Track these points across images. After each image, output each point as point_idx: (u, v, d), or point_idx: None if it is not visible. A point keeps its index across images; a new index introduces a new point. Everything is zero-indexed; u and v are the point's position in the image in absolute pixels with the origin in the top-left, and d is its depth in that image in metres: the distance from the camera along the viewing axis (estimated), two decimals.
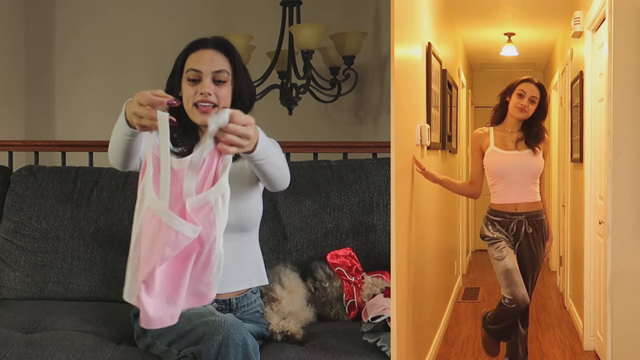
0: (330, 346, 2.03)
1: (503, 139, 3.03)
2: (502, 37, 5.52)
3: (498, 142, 3.03)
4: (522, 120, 3.01)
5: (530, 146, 2.99)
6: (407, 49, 2.85)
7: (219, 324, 1.79)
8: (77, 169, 2.71)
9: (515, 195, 2.99)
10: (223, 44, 2.07)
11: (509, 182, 2.99)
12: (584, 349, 3.79)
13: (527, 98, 2.98)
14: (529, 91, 2.98)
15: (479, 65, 7.15)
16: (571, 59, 4.44)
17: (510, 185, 2.99)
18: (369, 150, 3.09)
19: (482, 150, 3.05)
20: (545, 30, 5.40)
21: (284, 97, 4.03)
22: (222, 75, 2.02)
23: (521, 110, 2.98)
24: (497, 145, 3.02)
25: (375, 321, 2.02)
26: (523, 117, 3.00)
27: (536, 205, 3.02)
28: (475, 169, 3.10)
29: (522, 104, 2.98)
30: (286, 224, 2.56)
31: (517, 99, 2.99)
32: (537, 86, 3.01)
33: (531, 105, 2.99)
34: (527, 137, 3.01)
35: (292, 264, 2.45)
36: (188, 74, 2.02)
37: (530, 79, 3.03)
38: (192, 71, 2.01)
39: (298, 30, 3.83)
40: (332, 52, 3.99)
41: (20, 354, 1.95)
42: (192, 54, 2.05)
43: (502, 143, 3.02)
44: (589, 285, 3.71)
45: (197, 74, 2.01)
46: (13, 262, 2.55)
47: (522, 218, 2.98)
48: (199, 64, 2.02)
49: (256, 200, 2.15)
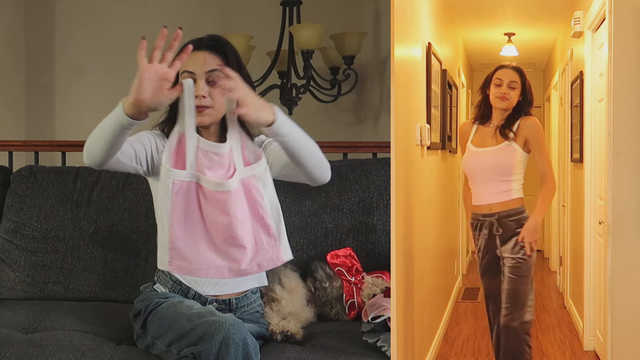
0: (330, 346, 2.03)
1: (484, 135, 2.82)
2: (502, 37, 5.53)
3: (476, 138, 2.84)
4: (507, 111, 2.79)
5: (505, 135, 2.76)
6: (407, 49, 2.85)
7: (219, 324, 1.79)
8: (77, 169, 2.71)
9: (488, 194, 2.78)
10: (215, 44, 2.05)
11: (480, 182, 2.80)
12: (584, 349, 3.79)
13: (505, 85, 2.76)
14: (506, 77, 2.77)
15: (479, 65, 7.15)
16: (571, 59, 4.44)
17: (482, 185, 2.80)
18: (369, 150, 3.09)
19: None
20: (545, 30, 5.41)
21: (284, 97, 4.03)
22: (216, 75, 2.00)
23: (502, 99, 2.76)
24: (474, 142, 2.83)
25: (375, 321, 2.02)
26: (506, 107, 2.78)
27: (510, 204, 2.77)
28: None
29: (501, 92, 2.76)
30: (286, 224, 2.55)
31: (496, 88, 2.78)
32: (514, 70, 2.80)
33: (512, 92, 2.76)
34: (501, 126, 2.78)
35: (292, 264, 2.45)
36: (182, 75, 2.00)
37: (505, 65, 2.83)
38: (185, 73, 2.00)
39: (298, 30, 3.83)
40: (332, 52, 3.99)
41: (20, 354, 1.94)
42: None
43: (481, 140, 2.82)
44: (589, 285, 3.71)
45: (192, 75, 2.00)
46: (13, 262, 2.55)
47: (494, 219, 2.78)
48: (192, 65, 2.00)
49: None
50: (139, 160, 1.98)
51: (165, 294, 2.07)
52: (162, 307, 1.99)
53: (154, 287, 2.11)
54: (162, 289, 2.09)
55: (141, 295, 2.12)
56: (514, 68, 2.81)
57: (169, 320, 1.91)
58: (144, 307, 2.04)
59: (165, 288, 2.09)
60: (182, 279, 2.07)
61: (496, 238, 2.79)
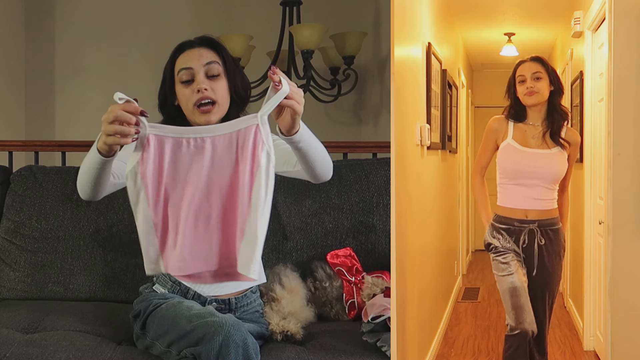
0: (330, 346, 2.03)
1: (524, 132, 2.61)
2: (502, 37, 5.53)
3: (517, 135, 2.61)
4: (541, 106, 2.59)
5: (558, 142, 2.57)
6: (407, 49, 2.85)
7: (219, 324, 1.79)
8: (77, 169, 2.69)
9: (527, 200, 2.57)
10: (208, 40, 2.06)
11: (520, 184, 2.58)
12: (584, 349, 3.79)
13: (529, 79, 2.57)
14: (528, 70, 2.59)
15: (479, 65, 7.15)
16: (571, 59, 4.44)
17: (521, 188, 2.58)
18: (369, 150, 3.09)
19: (497, 143, 2.65)
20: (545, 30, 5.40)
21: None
22: (214, 67, 1.99)
23: (530, 94, 2.57)
24: (516, 139, 2.60)
25: (375, 321, 2.02)
26: (538, 101, 2.58)
27: (551, 213, 2.60)
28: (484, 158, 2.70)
29: (528, 86, 2.57)
30: (286, 224, 2.56)
31: (521, 85, 2.59)
32: (534, 61, 2.61)
33: (538, 83, 2.57)
34: (552, 130, 2.58)
35: (292, 264, 2.45)
36: (180, 75, 2.00)
37: (524, 60, 2.64)
38: (183, 70, 1.99)
39: (298, 30, 3.83)
40: (332, 52, 3.99)
41: (20, 354, 1.94)
42: (180, 56, 2.03)
43: (521, 137, 2.60)
44: (589, 285, 3.71)
45: (189, 72, 1.99)
46: (13, 262, 2.55)
47: (534, 227, 2.57)
48: (189, 61, 2.00)
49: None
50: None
51: (165, 294, 2.07)
52: (161, 308, 1.99)
53: (153, 288, 2.11)
54: (161, 289, 2.09)
55: (140, 297, 2.12)
56: (534, 59, 2.62)
57: (169, 321, 1.91)
58: (143, 308, 2.04)
59: (165, 289, 2.09)
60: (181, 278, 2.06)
61: (542, 249, 2.59)
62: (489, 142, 2.68)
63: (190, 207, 1.68)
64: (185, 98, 2.00)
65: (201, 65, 1.99)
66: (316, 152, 1.89)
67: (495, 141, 2.65)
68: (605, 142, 2.97)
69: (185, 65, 2.00)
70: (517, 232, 2.58)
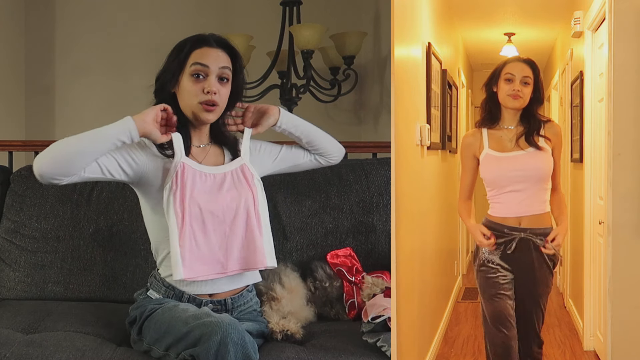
0: (330, 346, 2.03)
1: (499, 138, 2.48)
2: (502, 37, 5.53)
3: (493, 143, 2.48)
4: (519, 111, 2.46)
5: (532, 143, 2.44)
6: (407, 49, 2.85)
7: (216, 324, 1.79)
8: None
9: (520, 206, 2.44)
10: (226, 43, 2.09)
11: (510, 191, 2.45)
12: (584, 349, 3.79)
13: (518, 81, 2.42)
14: (519, 72, 2.43)
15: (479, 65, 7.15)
16: (571, 59, 4.44)
17: (512, 195, 2.44)
18: (369, 150, 3.09)
19: (477, 157, 2.51)
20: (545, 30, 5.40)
21: (284, 97, 4.03)
22: (226, 72, 2.05)
23: (514, 98, 2.42)
24: (492, 148, 2.48)
25: (375, 321, 2.02)
26: (519, 106, 2.44)
27: (545, 219, 2.47)
28: (467, 180, 2.55)
29: (514, 89, 2.42)
30: (286, 224, 2.56)
31: (507, 85, 2.43)
32: (526, 64, 2.45)
33: (525, 89, 2.42)
34: (527, 132, 2.44)
35: (292, 263, 2.45)
36: (193, 68, 2.01)
37: (517, 58, 2.49)
38: (199, 65, 2.01)
39: (298, 30, 3.83)
40: (332, 52, 3.99)
41: (20, 354, 1.94)
42: (197, 50, 2.04)
43: (498, 144, 2.48)
44: (589, 285, 3.71)
45: (205, 69, 2.01)
46: (13, 262, 2.55)
47: (527, 235, 2.44)
48: (207, 58, 2.02)
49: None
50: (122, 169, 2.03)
51: (160, 299, 2.06)
52: (157, 312, 1.98)
53: (147, 294, 2.10)
54: (155, 295, 2.08)
55: (135, 303, 2.12)
56: (526, 61, 2.46)
57: (165, 325, 1.91)
58: (139, 314, 2.04)
59: (159, 294, 2.08)
60: (174, 282, 2.05)
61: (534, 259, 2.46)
62: (467, 159, 2.55)
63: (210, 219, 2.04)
64: (192, 92, 2.02)
65: (217, 67, 2.02)
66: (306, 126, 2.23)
67: (474, 155, 2.52)
68: (605, 142, 2.97)
69: (202, 61, 2.01)
70: (507, 240, 2.45)
